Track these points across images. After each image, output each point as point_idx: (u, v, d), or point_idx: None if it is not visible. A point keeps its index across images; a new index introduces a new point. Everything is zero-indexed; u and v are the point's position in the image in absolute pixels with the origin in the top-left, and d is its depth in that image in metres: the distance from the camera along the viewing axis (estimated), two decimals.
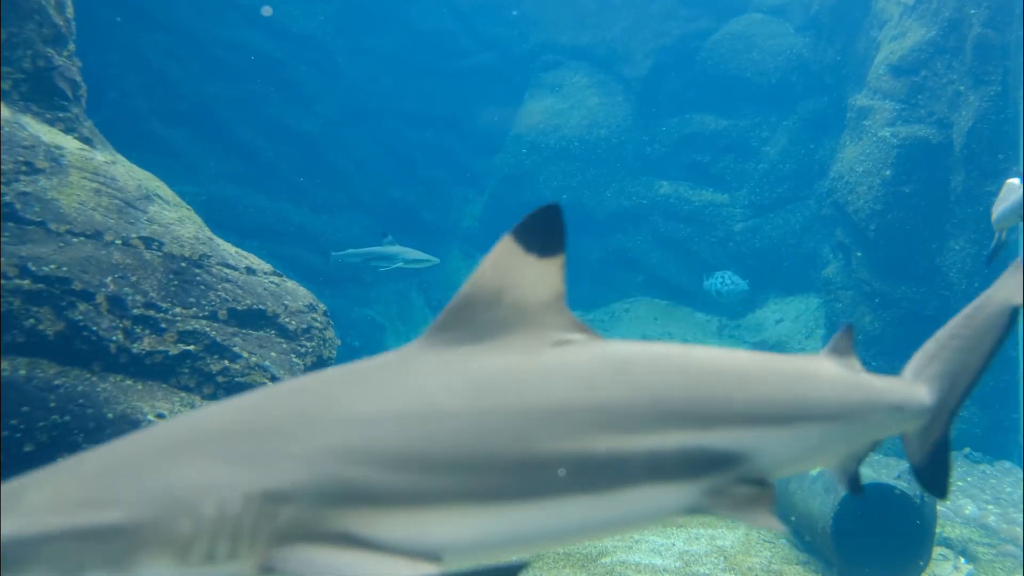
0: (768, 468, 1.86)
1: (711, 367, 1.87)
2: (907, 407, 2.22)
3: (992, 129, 10.28)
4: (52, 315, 3.60)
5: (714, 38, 15.88)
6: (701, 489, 1.76)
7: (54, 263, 3.69)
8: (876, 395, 2.14)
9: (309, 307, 4.60)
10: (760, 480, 1.85)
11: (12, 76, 4.42)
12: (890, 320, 11.05)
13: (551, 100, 16.88)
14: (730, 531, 7.48)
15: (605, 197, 16.16)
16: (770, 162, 15.14)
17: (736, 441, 1.78)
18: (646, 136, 16.22)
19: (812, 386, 1.98)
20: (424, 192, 17.62)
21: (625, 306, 15.68)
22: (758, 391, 1.86)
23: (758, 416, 1.82)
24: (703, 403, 1.78)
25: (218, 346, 3.98)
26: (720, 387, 1.82)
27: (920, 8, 11.41)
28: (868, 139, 11.52)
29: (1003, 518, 7.72)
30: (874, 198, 11.13)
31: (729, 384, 1.83)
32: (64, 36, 4.83)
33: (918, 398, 2.24)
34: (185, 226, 4.43)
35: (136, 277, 3.91)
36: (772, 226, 14.89)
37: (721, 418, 1.78)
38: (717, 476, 1.77)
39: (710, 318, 15.01)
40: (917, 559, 6.11)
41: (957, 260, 10.57)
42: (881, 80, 11.64)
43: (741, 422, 1.80)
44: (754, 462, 1.81)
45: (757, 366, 1.95)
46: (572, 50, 17.18)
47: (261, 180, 15.74)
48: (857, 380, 2.12)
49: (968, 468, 9.71)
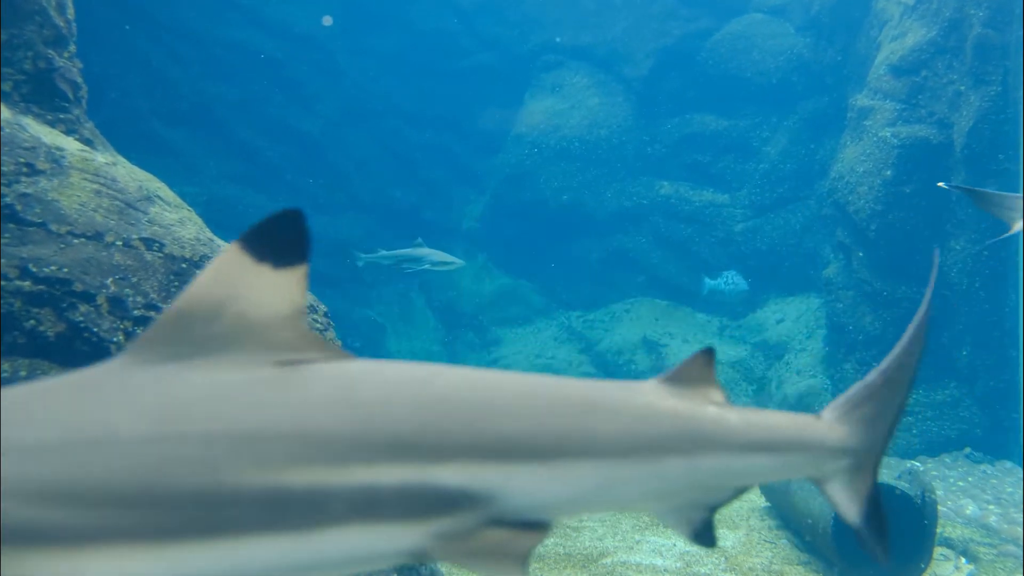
0: (528, 510, 1.62)
1: (460, 394, 1.64)
2: (811, 448, 1.89)
3: (993, 129, 10.28)
4: (53, 316, 3.60)
5: (715, 38, 15.89)
6: (428, 532, 1.54)
7: (55, 264, 3.70)
8: (724, 432, 1.79)
9: (310, 308, 4.61)
10: (526, 523, 1.63)
11: (13, 77, 4.42)
12: (891, 320, 11.05)
13: (552, 100, 16.89)
14: (731, 531, 7.49)
15: (605, 197, 16.17)
16: (771, 162, 15.15)
17: (474, 478, 1.56)
18: (647, 136, 16.22)
19: (600, 418, 1.68)
20: (425, 192, 17.63)
21: (625, 306, 15.68)
22: (513, 422, 1.62)
23: (509, 450, 1.59)
24: (436, 434, 1.55)
25: None
26: (463, 416, 1.59)
27: (920, 8, 11.41)
28: (869, 139, 11.52)
29: (1004, 518, 7.72)
30: (875, 198, 11.14)
31: (476, 413, 1.61)
32: (65, 37, 4.83)
33: (829, 438, 1.91)
34: (186, 227, 4.43)
35: (137, 278, 3.91)
36: (773, 226, 14.89)
37: (456, 451, 1.55)
38: (450, 518, 1.55)
39: (711, 318, 15.01)
40: (918, 559, 6.12)
41: (958, 260, 10.57)
42: (882, 80, 11.64)
43: (483, 457, 1.57)
44: (503, 503, 1.58)
45: (524, 394, 1.69)
46: (573, 50, 17.18)
47: (262, 180, 15.75)
48: (693, 413, 1.79)
49: (969, 468, 9.71)
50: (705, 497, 1.86)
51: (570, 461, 1.63)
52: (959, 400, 10.52)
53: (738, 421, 1.83)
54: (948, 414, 10.48)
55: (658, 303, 15.55)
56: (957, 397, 10.55)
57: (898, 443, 10.44)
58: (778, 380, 12.81)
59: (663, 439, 1.73)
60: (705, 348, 1.92)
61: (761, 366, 13.42)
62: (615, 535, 7.35)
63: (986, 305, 10.45)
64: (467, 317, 16.20)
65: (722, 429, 1.80)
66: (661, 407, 1.78)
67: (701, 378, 1.88)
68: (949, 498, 8.40)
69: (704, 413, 1.81)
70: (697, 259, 15.46)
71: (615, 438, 1.68)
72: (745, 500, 8.46)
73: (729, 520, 7.83)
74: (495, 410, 1.63)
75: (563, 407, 1.69)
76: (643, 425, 1.73)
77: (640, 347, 14.55)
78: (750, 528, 7.58)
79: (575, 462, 1.64)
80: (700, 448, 1.76)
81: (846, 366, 11.41)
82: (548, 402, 1.69)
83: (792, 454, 1.87)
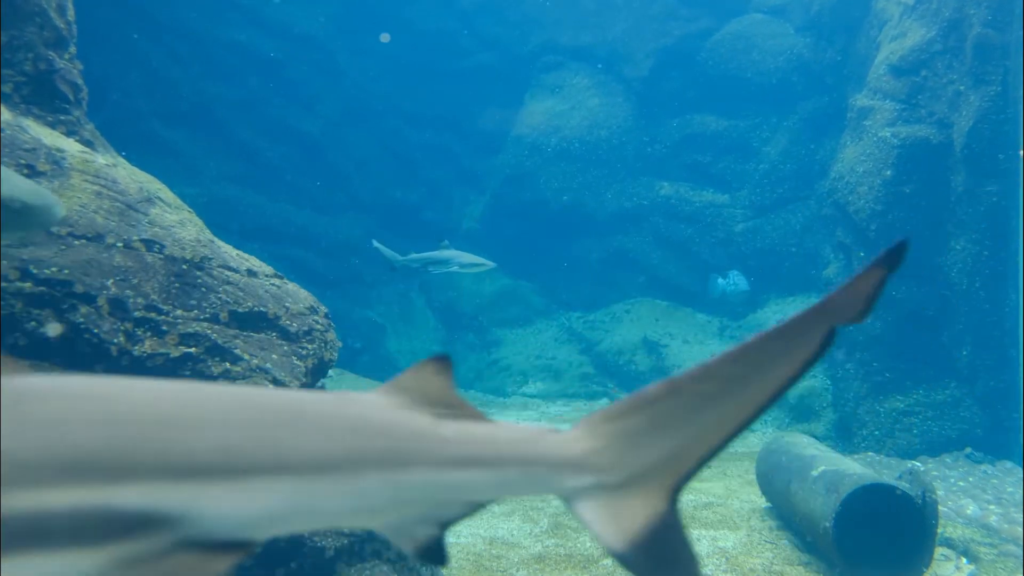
0: (222, 530, 1.53)
1: (151, 409, 1.53)
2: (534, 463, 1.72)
3: (992, 129, 10.28)
4: (54, 318, 3.61)
5: (715, 38, 15.90)
6: (109, 558, 1.44)
7: (55, 266, 3.70)
8: (435, 447, 1.69)
9: (310, 309, 4.61)
10: (221, 543, 1.54)
11: (13, 79, 4.42)
12: (891, 321, 11.04)
13: (552, 101, 16.90)
14: (732, 532, 7.49)
15: (606, 198, 16.17)
16: (771, 162, 15.15)
17: (159, 499, 1.47)
18: (647, 137, 16.23)
19: (302, 432, 1.60)
20: (425, 192, 17.65)
21: (626, 307, 15.69)
22: (206, 438, 1.53)
23: (198, 468, 1.50)
24: (116, 453, 1.45)
25: (219, 348, 3.98)
26: (150, 433, 1.49)
27: (920, 8, 11.41)
28: (869, 139, 11.52)
29: (1005, 518, 7.72)
30: (875, 198, 11.14)
31: (166, 430, 1.51)
32: (65, 39, 4.84)
33: (562, 454, 1.73)
34: (186, 228, 4.43)
35: (137, 280, 3.92)
36: (773, 226, 14.90)
37: (139, 471, 1.46)
38: (133, 542, 1.45)
39: (711, 319, 15.01)
40: (919, 559, 6.12)
41: (958, 260, 10.57)
42: (881, 80, 11.64)
43: (169, 476, 1.48)
44: (193, 524, 1.50)
45: (224, 408, 1.60)
46: (573, 51, 17.20)
47: (262, 181, 15.77)
48: (404, 426, 1.69)
49: (969, 468, 9.71)
50: (430, 513, 1.75)
51: (266, 477, 1.55)
52: (960, 400, 10.52)
53: (454, 434, 1.71)
54: (949, 414, 10.48)
55: (658, 303, 15.55)
56: (958, 397, 10.54)
57: (899, 443, 10.44)
58: None
59: (367, 453, 1.64)
60: (438, 355, 1.81)
61: None
62: None
63: (986, 305, 10.44)
64: (467, 318, 16.21)
65: (433, 443, 1.69)
66: (372, 420, 1.69)
67: (430, 387, 1.77)
68: (950, 498, 8.40)
69: (416, 426, 1.71)
70: (697, 260, 15.47)
71: (315, 453, 1.60)
72: (746, 501, 8.46)
73: (730, 520, 7.83)
74: (188, 426, 1.53)
75: (265, 421, 1.60)
76: (347, 439, 1.64)
77: (640, 347, 14.55)
78: (751, 528, 7.58)
79: (271, 478, 1.56)
80: (406, 463, 1.66)
81: (847, 366, 11.41)
82: (249, 416, 1.60)
83: (511, 469, 1.72)
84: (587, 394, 14.43)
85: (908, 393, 10.77)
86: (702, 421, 1.71)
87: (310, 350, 4.42)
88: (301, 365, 4.32)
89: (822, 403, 11.77)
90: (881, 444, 10.55)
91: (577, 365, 14.95)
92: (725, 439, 1.73)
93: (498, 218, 16.60)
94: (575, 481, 1.73)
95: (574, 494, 1.75)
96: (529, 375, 15.01)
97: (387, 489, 1.66)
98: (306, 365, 4.35)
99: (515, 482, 1.73)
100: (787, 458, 7.50)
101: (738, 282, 14.38)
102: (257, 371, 4.06)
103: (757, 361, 1.70)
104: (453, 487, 1.71)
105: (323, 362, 4.53)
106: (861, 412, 10.93)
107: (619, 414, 1.74)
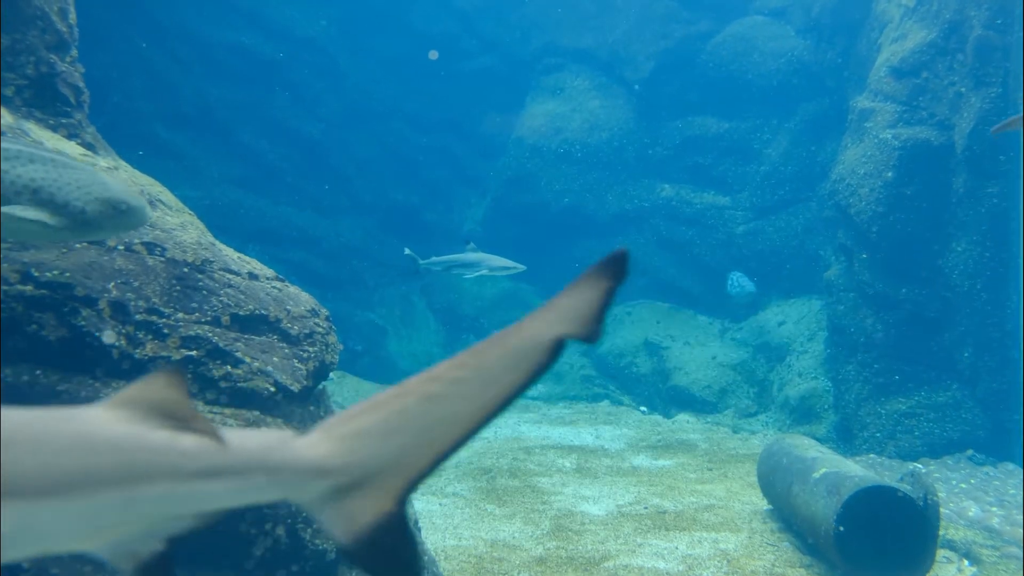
0: None
1: None
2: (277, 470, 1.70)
3: None
4: (55, 321, 3.61)
5: (715, 40, 15.90)
6: None
7: (56, 269, 3.70)
8: (172, 460, 1.63)
9: (311, 312, 4.61)
10: None
11: (15, 82, 4.43)
12: (892, 322, 11.04)
13: (553, 103, 16.91)
14: (733, 534, 7.48)
15: (607, 200, 16.18)
16: (772, 164, 15.15)
17: None
18: (648, 139, 16.23)
19: (20, 453, 1.52)
20: (426, 195, 17.65)
21: (627, 309, 15.69)
22: None
23: None
24: None
25: (220, 351, 3.98)
26: None
27: (921, 10, 11.41)
28: (869, 141, 11.52)
29: (1007, 520, 7.70)
30: (876, 200, 11.13)
31: None
32: (67, 42, 4.85)
33: (301, 459, 1.71)
34: (187, 231, 4.44)
35: (139, 283, 3.92)
36: (774, 228, 14.89)
37: None
38: None
39: (712, 321, 15.01)
40: (921, 562, 6.11)
41: (959, 262, 10.56)
42: (882, 82, 11.64)
43: None
44: None
45: None
46: (574, 53, 17.21)
47: (263, 183, 15.78)
48: (136, 440, 1.61)
49: (971, 470, 9.70)
50: (159, 527, 1.68)
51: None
52: (961, 402, 10.51)
53: (194, 446, 1.66)
54: (950, 416, 10.47)
55: (659, 305, 15.55)
56: (959, 399, 10.53)
57: (900, 445, 10.43)
58: (780, 382, 12.80)
59: (93, 472, 1.56)
60: (170, 369, 1.76)
61: (763, 368, 13.42)
62: (617, 538, 7.35)
63: (988, 307, 10.44)
64: (468, 320, 16.21)
65: (172, 456, 1.63)
66: (98, 436, 1.60)
67: (163, 400, 1.70)
68: (951, 500, 8.39)
69: (150, 440, 1.63)
70: (699, 262, 15.47)
71: (32, 474, 1.50)
72: (747, 503, 8.45)
73: (731, 523, 7.83)
74: None
75: None
76: (70, 458, 1.55)
77: (642, 350, 14.55)
78: (752, 531, 7.57)
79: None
80: (141, 478, 1.59)
81: (848, 368, 11.40)
82: None
83: (254, 476, 1.69)
84: (588, 396, 14.42)
85: (910, 395, 10.76)
86: (429, 425, 1.73)
87: (311, 353, 4.42)
88: (302, 368, 4.32)
89: (823, 405, 11.76)
90: (883, 446, 10.54)
91: (578, 367, 14.95)
92: (453, 444, 1.73)
93: (499, 220, 16.61)
94: (316, 484, 1.73)
95: (317, 498, 1.74)
96: None
97: (120, 506, 1.59)
98: (307, 368, 4.36)
99: (258, 489, 1.71)
100: (788, 460, 7.49)
101: (743, 284, 14.39)
102: (258, 374, 4.06)
103: (483, 367, 1.72)
104: (194, 499, 1.66)
105: (324, 365, 4.54)
106: (862, 414, 10.92)
107: (354, 417, 1.75)
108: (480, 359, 1.73)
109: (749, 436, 11.90)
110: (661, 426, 12.61)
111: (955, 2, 10.84)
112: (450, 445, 1.73)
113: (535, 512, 8.11)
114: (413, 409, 1.72)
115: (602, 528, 7.63)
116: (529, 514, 8.04)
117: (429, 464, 1.75)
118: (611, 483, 9.24)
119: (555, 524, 7.73)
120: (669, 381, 13.60)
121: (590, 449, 10.94)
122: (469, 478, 9.35)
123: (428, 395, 1.71)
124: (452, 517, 7.91)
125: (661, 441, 11.53)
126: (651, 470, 9.87)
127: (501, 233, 16.41)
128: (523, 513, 8.07)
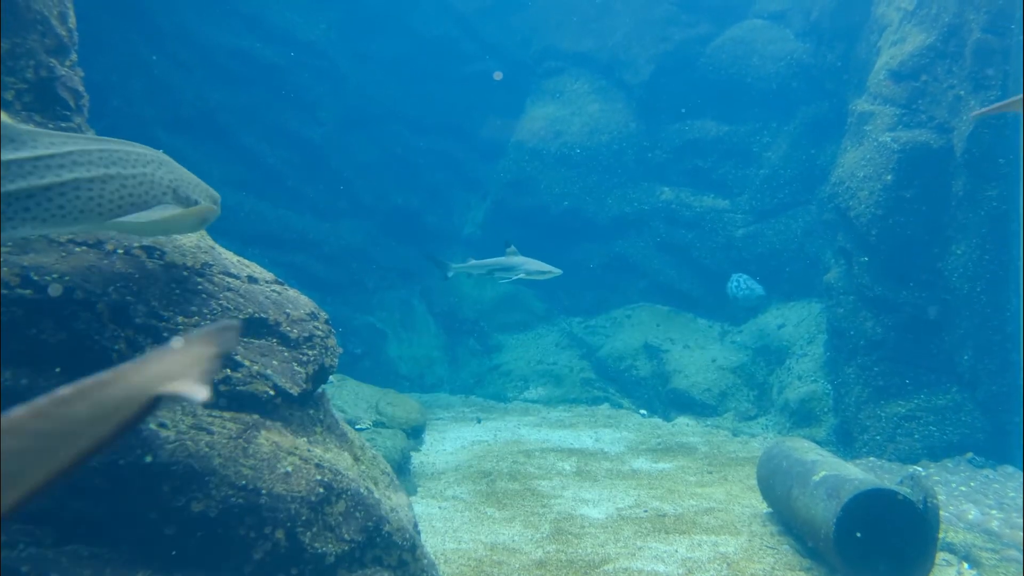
0: None
1: None
2: None
3: (993, 133, 10.28)
4: (54, 325, 3.62)
5: (715, 44, 15.92)
6: None
7: (56, 272, 3.71)
8: None
9: (311, 315, 4.61)
10: None
11: (14, 86, 4.44)
12: (892, 325, 11.04)
13: (553, 106, 16.93)
14: (733, 537, 7.47)
15: (606, 203, 16.19)
16: (771, 167, 15.16)
17: None
18: (647, 142, 16.25)
19: None
20: (427, 198, 17.67)
21: (627, 312, 15.69)
22: None
23: None
24: None
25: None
26: None
27: (920, 13, 11.43)
28: (869, 144, 11.53)
29: (1006, 523, 7.70)
30: (875, 203, 11.14)
31: None
32: (67, 46, 4.86)
33: None
34: (187, 235, 4.45)
35: (138, 286, 3.92)
36: (774, 231, 14.90)
37: None
38: None
39: (712, 324, 15.01)
40: (921, 565, 6.11)
41: (959, 264, 10.56)
42: (881, 85, 11.65)
43: None
44: None
45: None
46: (573, 56, 17.24)
47: (263, 187, 15.80)
48: None
49: (971, 473, 9.69)
50: None
51: None
52: (961, 405, 10.51)
53: None
54: (950, 419, 10.46)
55: (659, 308, 15.55)
56: (959, 402, 10.53)
57: (900, 448, 10.42)
58: (779, 385, 12.80)
59: None
60: None
61: (762, 371, 13.41)
62: (617, 541, 7.34)
63: (988, 309, 10.44)
64: (468, 323, 16.21)
65: None
66: None
67: None
68: (951, 503, 8.38)
69: None
70: (698, 265, 15.47)
71: None
72: (747, 506, 8.45)
73: (731, 526, 7.82)
74: None
75: None
76: None
77: (641, 353, 14.54)
78: (752, 534, 7.57)
79: None
80: None
81: (848, 371, 11.40)
82: None
83: None
84: (588, 399, 14.42)
85: (909, 398, 10.76)
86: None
87: (311, 356, 4.42)
88: (302, 371, 4.32)
89: (823, 408, 11.75)
90: (882, 449, 10.54)
91: (578, 370, 14.94)
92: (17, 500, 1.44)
93: (499, 223, 16.61)
94: None
95: None
96: (530, 380, 15.01)
97: None
98: (307, 371, 4.36)
99: None
100: (788, 463, 7.49)
101: (751, 286, 14.38)
102: (257, 377, 4.06)
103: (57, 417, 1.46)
104: None
105: (324, 368, 4.54)
106: (862, 417, 10.91)
107: None
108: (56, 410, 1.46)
109: (749, 439, 11.90)
110: (661, 429, 12.60)
111: (954, 5, 10.85)
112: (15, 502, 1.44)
113: (535, 515, 8.10)
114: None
115: (602, 531, 7.62)
116: (529, 517, 8.03)
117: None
118: (611, 486, 9.24)
119: (555, 527, 7.72)
120: (669, 384, 13.60)
121: (590, 452, 10.94)
122: (469, 481, 9.34)
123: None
124: (452, 520, 7.91)
125: (661, 444, 11.52)
126: (651, 473, 9.87)
127: (501, 236, 16.40)
128: (523, 516, 8.07)
